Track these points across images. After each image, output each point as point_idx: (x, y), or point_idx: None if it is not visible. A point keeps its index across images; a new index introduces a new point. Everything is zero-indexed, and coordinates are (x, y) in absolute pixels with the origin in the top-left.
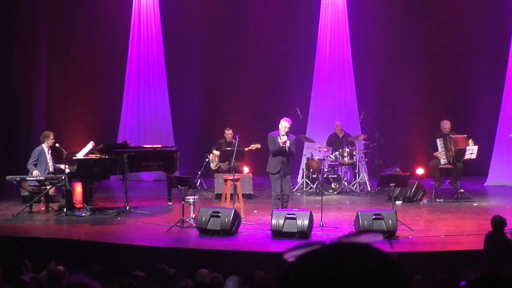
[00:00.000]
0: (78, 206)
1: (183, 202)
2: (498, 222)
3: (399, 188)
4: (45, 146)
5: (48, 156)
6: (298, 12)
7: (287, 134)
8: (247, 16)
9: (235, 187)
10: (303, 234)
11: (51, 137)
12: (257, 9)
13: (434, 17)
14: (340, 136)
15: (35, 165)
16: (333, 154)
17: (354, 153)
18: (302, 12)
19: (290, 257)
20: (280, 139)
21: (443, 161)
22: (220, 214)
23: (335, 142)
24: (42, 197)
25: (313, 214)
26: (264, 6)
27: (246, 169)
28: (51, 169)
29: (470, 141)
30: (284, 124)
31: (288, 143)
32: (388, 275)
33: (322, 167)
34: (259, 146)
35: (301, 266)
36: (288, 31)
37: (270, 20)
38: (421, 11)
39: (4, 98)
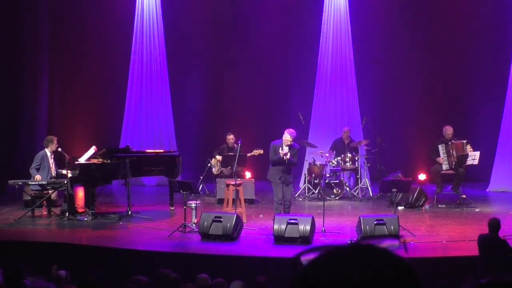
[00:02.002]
0: (80, 210)
1: (185, 207)
2: (496, 225)
3: (401, 194)
4: (48, 151)
5: (51, 161)
6: (300, 17)
7: (291, 144)
8: (250, 22)
9: (237, 192)
10: (305, 239)
11: (55, 142)
12: (259, 15)
13: (437, 23)
14: (346, 142)
15: (38, 170)
16: (335, 160)
17: (356, 158)
18: (304, 18)
19: (306, 257)
20: (282, 149)
21: (445, 166)
22: (222, 219)
23: (339, 147)
24: (44, 202)
25: (315, 219)
26: (266, 11)
27: (248, 174)
28: (53, 174)
29: (469, 147)
30: (287, 138)
31: (288, 155)
32: (403, 280)
33: (324, 172)
34: (261, 152)
35: (318, 267)
36: (290, 37)
37: (273, 26)
38: (423, 17)
39: (6, 103)
